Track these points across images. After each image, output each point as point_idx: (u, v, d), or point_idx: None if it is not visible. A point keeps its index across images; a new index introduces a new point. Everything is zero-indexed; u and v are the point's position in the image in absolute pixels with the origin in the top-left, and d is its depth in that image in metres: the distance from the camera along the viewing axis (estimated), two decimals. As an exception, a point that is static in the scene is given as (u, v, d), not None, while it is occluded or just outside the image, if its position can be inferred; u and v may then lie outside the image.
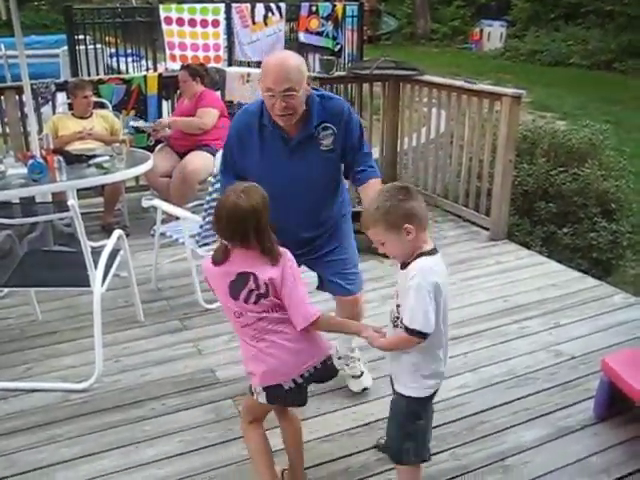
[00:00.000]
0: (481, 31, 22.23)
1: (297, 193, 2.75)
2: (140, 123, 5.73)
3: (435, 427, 2.88)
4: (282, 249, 2.26)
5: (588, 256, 5.49)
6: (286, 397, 2.31)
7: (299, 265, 2.45)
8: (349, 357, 3.23)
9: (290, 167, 2.73)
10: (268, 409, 2.45)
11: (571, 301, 4.15)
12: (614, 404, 2.95)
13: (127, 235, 3.81)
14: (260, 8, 8.93)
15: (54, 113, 5.71)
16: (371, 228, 2.13)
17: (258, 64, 8.99)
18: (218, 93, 5.99)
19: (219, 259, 2.23)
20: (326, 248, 2.96)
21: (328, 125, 2.72)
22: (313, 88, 2.77)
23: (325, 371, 2.35)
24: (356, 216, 3.07)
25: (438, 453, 2.77)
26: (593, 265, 5.41)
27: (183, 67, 5.59)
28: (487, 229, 5.26)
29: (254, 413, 2.45)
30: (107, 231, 4.80)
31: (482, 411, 3.05)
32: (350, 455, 2.77)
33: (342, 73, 7.22)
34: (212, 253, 2.30)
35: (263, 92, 2.60)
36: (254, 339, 2.26)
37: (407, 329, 2.09)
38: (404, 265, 2.17)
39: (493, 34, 21.83)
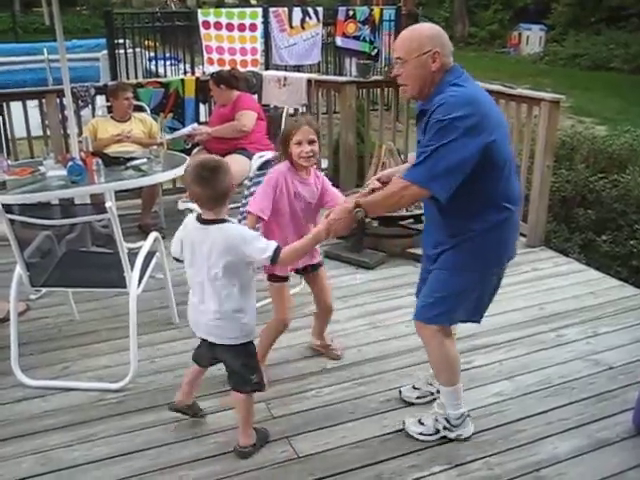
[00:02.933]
0: (519, 35, 22.03)
1: None
2: (176, 134, 5.74)
3: (470, 435, 2.87)
4: None
5: (628, 264, 5.38)
6: None
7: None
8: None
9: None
10: None
11: (610, 310, 4.07)
12: (654, 416, 2.89)
13: (163, 237, 3.84)
14: (297, 12, 8.98)
15: (93, 116, 5.81)
16: None
17: (295, 68, 9.05)
18: (255, 97, 6.02)
19: None
20: (437, 261, 2.71)
21: (428, 112, 2.47)
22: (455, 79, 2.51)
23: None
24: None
25: (472, 462, 2.74)
26: (633, 273, 5.29)
27: (210, 75, 5.61)
28: (524, 235, 5.19)
29: None
30: (144, 232, 4.85)
31: (517, 420, 3.00)
32: (381, 462, 2.75)
33: (379, 77, 7.20)
34: None
35: None
36: None
37: None
38: None
39: (532, 38, 21.61)
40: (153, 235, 3.60)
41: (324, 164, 6.63)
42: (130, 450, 2.82)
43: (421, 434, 2.87)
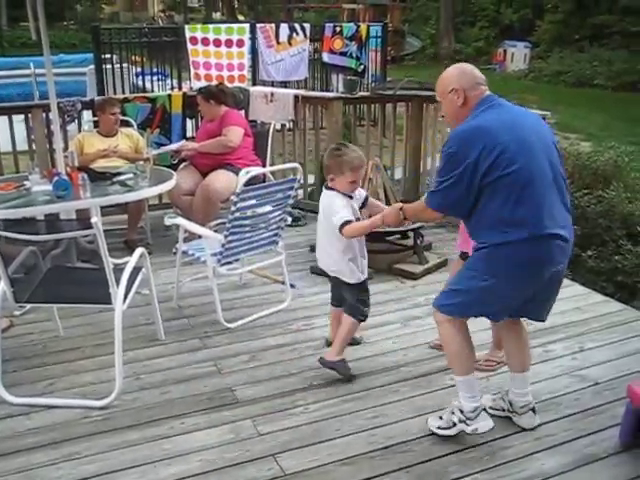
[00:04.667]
0: (505, 52, 22.26)
1: None
2: (163, 149, 5.72)
3: (456, 452, 2.88)
4: None
5: (613, 279, 5.41)
6: None
7: None
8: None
9: None
10: None
11: (596, 325, 4.08)
12: (641, 432, 2.89)
13: (149, 253, 3.82)
14: (285, 28, 9.02)
15: (80, 131, 5.79)
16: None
17: (282, 84, 9.08)
18: (242, 112, 6.02)
19: None
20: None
21: None
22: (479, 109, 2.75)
23: None
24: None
25: (459, 479, 2.73)
26: (618, 289, 5.32)
27: (198, 91, 5.62)
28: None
29: None
30: (130, 248, 4.82)
31: (504, 436, 2.99)
32: (368, 479, 2.73)
33: (365, 93, 7.25)
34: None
35: None
36: None
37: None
38: None
39: (517, 55, 21.85)
40: (139, 251, 3.57)
41: (310, 179, 6.65)
42: (115, 468, 2.78)
43: (439, 428, 2.97)
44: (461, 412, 2.91)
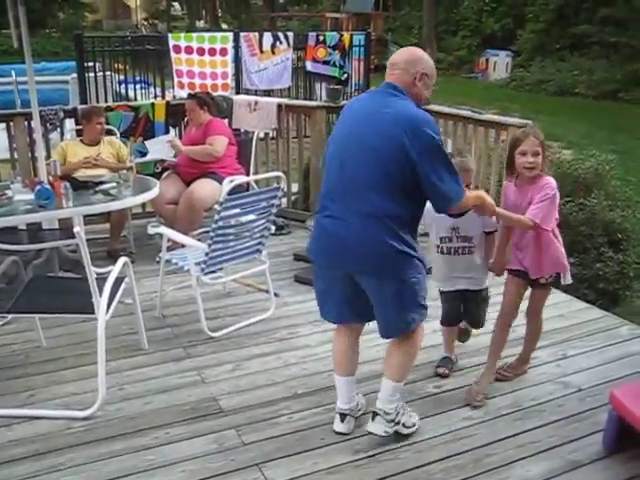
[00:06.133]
0: (487, 61, 22.43)
1: None
2: (151, 142, 5.73)
3: (441, 460, 2.88)
4: None
5: (594, 287, 5.45)
6: None
7: None
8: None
9: None
10: None
11: (578, 332, 4.12)
12: (624, 437, 2.91)
13: (132, 262, 3.80)
14: (268, 37, 9.04)
15: (62, 139, 5.76)
16: None
17: (265, 92, 9.09)
18: (225, 121, 6.02)
19: None
20: None
21: None
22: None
23: None
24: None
25: (444, 486, 2.74)
26: (600, 296, 5.36)
27: (190, 96, 5.62)
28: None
29: None
30: (113, 257, 4.80)
31: (488, 444, 3.00)
32: (354, 487, 2.74)
33: (348, 102, 7.26)
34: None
35: None
36: None
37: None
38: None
39: (499, 64, 22.01)
40: (122, 260, 3.55)
41: (294, 188, 6.66)
42: (99, 479, 2.76)
43: None
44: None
